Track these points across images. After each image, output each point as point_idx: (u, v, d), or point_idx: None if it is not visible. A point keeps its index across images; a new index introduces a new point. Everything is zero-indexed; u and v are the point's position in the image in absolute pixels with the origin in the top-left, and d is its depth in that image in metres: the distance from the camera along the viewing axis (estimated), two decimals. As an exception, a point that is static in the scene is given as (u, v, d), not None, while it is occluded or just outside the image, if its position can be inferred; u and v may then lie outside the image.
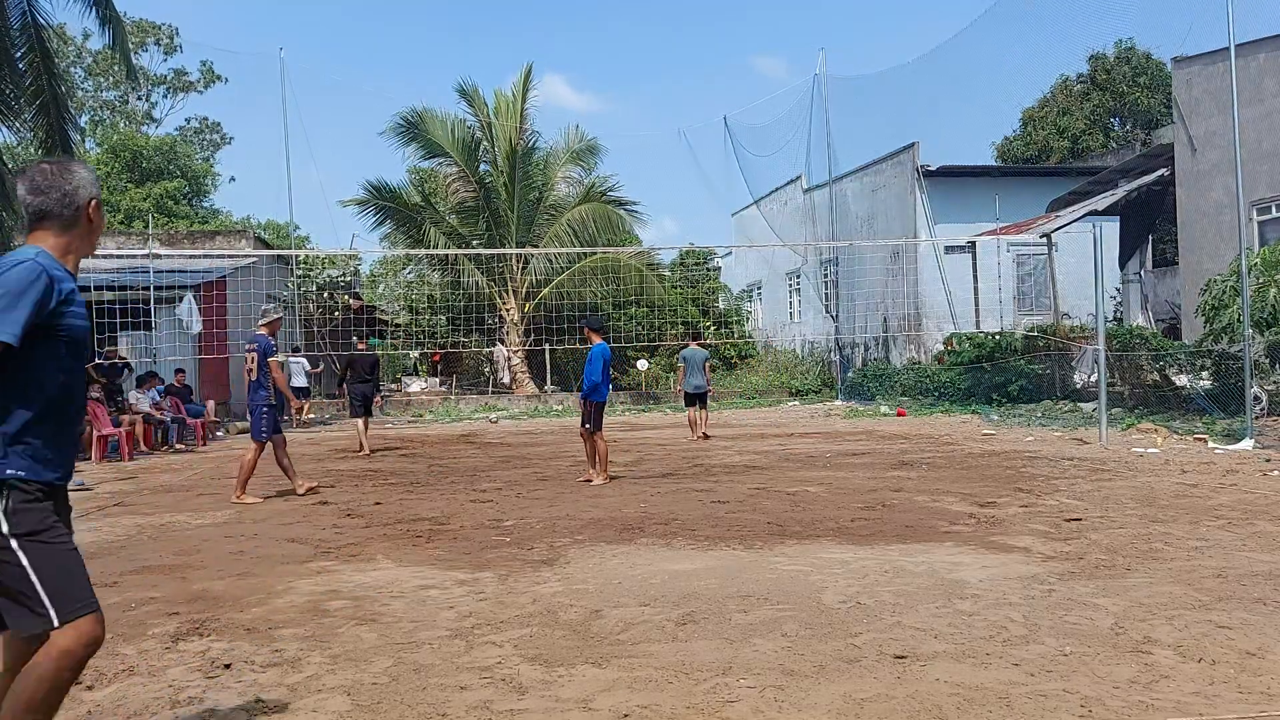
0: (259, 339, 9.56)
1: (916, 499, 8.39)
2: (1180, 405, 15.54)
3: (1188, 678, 3.67)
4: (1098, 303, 13.74)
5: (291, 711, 3.53)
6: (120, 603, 5.29)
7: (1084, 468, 10.35)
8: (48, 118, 15.38)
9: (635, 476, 10.70)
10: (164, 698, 3.72)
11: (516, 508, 8.52)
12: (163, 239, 25.15)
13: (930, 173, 23.95)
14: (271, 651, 4.27)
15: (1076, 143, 33.78)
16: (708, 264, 33.66)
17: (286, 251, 27.57)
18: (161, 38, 40.32)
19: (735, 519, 7.58)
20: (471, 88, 28.05)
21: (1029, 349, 20.03)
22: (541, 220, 28.39)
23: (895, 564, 5.78)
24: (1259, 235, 17.84)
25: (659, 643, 4.28)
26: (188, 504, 9.31)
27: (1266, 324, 14.54)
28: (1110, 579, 5.27)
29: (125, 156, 35.08)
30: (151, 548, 6.99)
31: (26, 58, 15.04)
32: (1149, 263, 26.62)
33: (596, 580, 5.55)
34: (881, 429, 16.94)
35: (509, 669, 3.93)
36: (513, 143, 27.31)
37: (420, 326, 29.01)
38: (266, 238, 31.51)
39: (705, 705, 3.50)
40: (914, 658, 3.96)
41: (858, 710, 3.41)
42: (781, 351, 30.69)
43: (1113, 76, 34.20)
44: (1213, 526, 6.79)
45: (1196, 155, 19.66)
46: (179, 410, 16.72)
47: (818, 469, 10.91)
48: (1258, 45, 17.72)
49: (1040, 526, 6.92)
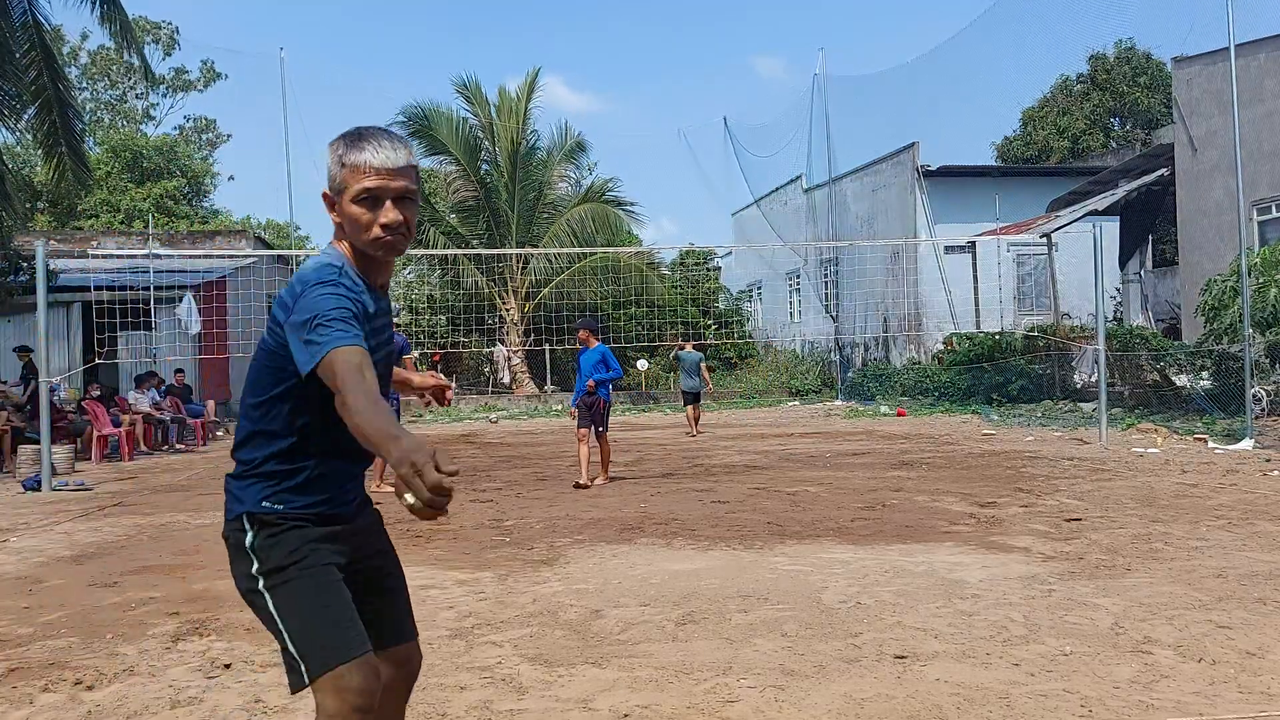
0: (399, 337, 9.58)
1: (916, 499, 8.39)
2: (1180, 405, 15.54)
3: (1188, 678, 3.67)
4: (1098, 303, 13.74)
5: (291, 711, 3.52)
6: (120, 603, 5.29)
7: (1084, 468, 10.35)
8: (49, 116, 15.37)
9: (635, 476, 10.70)
10: (164, 698, 3.72)
11: (516, 508, 8.52)
12: (163, 239, 25.15)
13: (930, 173, 23.95)
14: (271, 651, 4.27)
15: (1076, 143, 33.76)
16: (708, 264, 33.66)
17: (286, 251, 27.53)
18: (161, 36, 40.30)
19: (735, 519, 7.58)
20: (473, 85, 28.05)
21: (1029, 349, 20.03)
22: (541, 220, 28.40)
23: (895, 564, 5.78)
24: (1259, 235, 17.84)
25: (659, 643, 4.28)
26: (188, 504, 9.31)
27: (1266, 324, 14.54)
28: (1110, 579, 5.27)
29: (125, 156, 35.06)
30: (151, 548, 6.99)
31: (28, 56, 15.03)
32: (1149, 263, 26.61)
33: (596, 580, 5.54)
34: (881, 429, 16.94)
35: (509, 669, 3.93)
36: (514, 142, 27.31)
37: (420, 326, 29.00)
38: (266, 238, 31.51)
39: (705, 705, 3.50)
40: (914, 658, 3.96)
41: (858, 710, 3.41)
42: (781, 351, 30.69)
43: (1113, 76, 34.19)
44: (1213, 526, 6.79)
45: (1196, 155, 19.65)
46: (179, 410, 16.72)
47: (818, 469, 10.91)
48: (1258, 45, 17.72)
49: (1040, 526, 6.92)
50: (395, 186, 2.05)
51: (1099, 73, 34.60)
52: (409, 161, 2.09)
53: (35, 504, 9.66)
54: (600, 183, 29.13)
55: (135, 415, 15.07)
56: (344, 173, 2.06)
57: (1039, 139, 34.72)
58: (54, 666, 4.14)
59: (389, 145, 2.06)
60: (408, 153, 2.09)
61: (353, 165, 2.04)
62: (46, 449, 10.70)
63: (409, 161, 2.09)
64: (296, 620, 2.03)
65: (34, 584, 5.88)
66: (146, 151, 35.66)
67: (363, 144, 2.05)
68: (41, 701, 3.72)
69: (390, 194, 2.05)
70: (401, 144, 2.09)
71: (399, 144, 2.08)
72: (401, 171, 2.06)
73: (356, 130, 2.10)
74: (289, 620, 2.03)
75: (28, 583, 5.92)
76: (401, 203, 2.07)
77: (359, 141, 2.06)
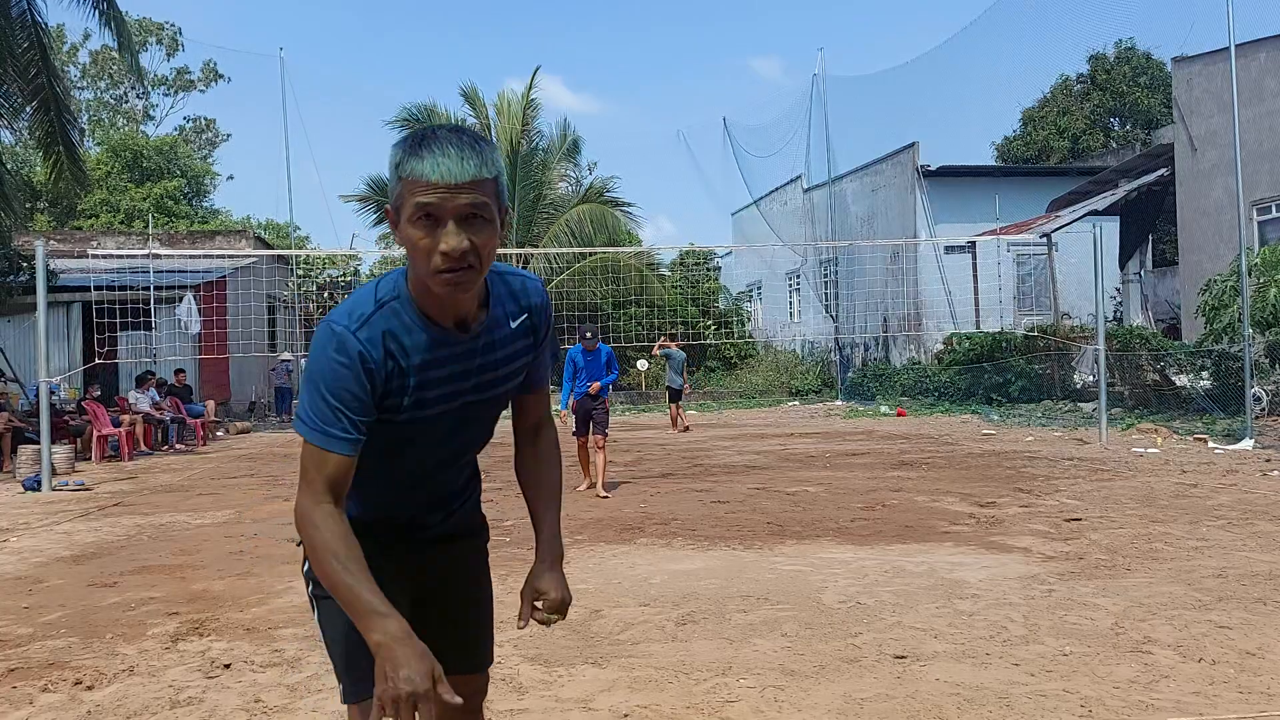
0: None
1: (916, 499, 8.39)
2: (1180, 405, 15.54)
3: (1188, 678, 3.67)
4: (1098, 303, 13.74)
5: (291, 711, 3.52)
6: (120, 603, 5.29)
7: (1084, 468, 10.35)
8: (47, 115, 15.37)
9: (635, 476, 10.69)
10: (164, 698, 3.72)
11: (517, 508, 8.51)
12: (163, 239, 25.14)
13: (930, 173, 23.95)
14: (271, 651, 4.27)
15: (1076, 143, 33.76)
16: (708, 264, 33.67)
17: (286, 251, 27.54)
18: (164, 37, 40.34)
19: (735, 519, 7.58)
20: (471, 89, 28.20)
21: (1029, 349, 20.03)
22: (541, 220, 28.43)
23: (895, 564, 5.78)
24: (1259, 235, 17.84)
25: (659, 643, 4.28)
26: (188, 504, 9.31)
27: (1266, 324, 14.53)
28: (1110, 579, 5.27)
29: (125, 156, 35.07)
30: (151, 548, 6.99)
31: (26, 55, 15.02)
32: (1149, 263, 26.61)
33: (596, 580, 5.55)
34: (881, 429, 16.94)
35: (509, 669, 3.92)
36: (514, 143, 27.33)
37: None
38: (266, 238, 31.51)
39: (705, 705, 3.50)
40: (914, 658, 3.96)
41: (858, 710, 3.41)
42: (781, 351, 30.69)
43: (1113, 76, 34.19)
44: (1213, 526, 6.78)
45: (1196, 155, 19.65)
46: (179, 410, 16.73)
47: (818, 469, 10.91)
48: (1258, 45, 17.71)
49: (1040, 526, 6.92)
50: (459, 204, 1.64)
51: (1099, 73, 34.60)
52: (480, 173, 1.65)
53: (35, 504, 9.66)
54: (599, 183, 29.18)
55: (135, 415, 15.08)
56: (400, 185, 1.67)
57: (1039, 139, 34.71)
58: (54, 666, 4.14)
59: (455, 152, 1.64)
60: (479, 161, 1.66)
61: (409, 177, 1.65)
62: (46, 449, 10.70)
63: (480, 173, 1.65)
64: (331, 641, 1.92)
65: (34, 584, 5.89)
66: (146, 151, 35.67)
67: (422, 150, 1.65)
68: (41, 701, 3.72)
69: (452, 213, 1.64)
70: (472, 150, 1.66)
71: (468, 150, 1.65)
72: (469, 186, 1.64)
73: (420, 133, 1.70)
74: (327, 636, 1.92)
75: (28, 583, 5.92)
76: (470, 223, 1.66)
77: (419, 148, 1.66)
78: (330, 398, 1.69)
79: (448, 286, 1.67)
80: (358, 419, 1.71)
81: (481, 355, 1.83)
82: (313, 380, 1.71)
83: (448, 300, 1.72)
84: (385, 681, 1.59)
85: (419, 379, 1.76)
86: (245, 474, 11.90)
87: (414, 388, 1.76)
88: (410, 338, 1.74)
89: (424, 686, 1.57)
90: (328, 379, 1.69)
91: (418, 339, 1.75)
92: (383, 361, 1.71)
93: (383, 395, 1.74)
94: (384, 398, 1.74)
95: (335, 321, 1.72)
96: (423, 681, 1.58)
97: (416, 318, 1.75)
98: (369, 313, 1.73)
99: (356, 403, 1.70)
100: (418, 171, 1.63)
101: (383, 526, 1.94)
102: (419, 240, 1.64)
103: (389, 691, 1.58)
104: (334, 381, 1.69)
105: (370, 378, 1.70)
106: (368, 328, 1.71)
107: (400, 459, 1.87)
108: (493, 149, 1.70)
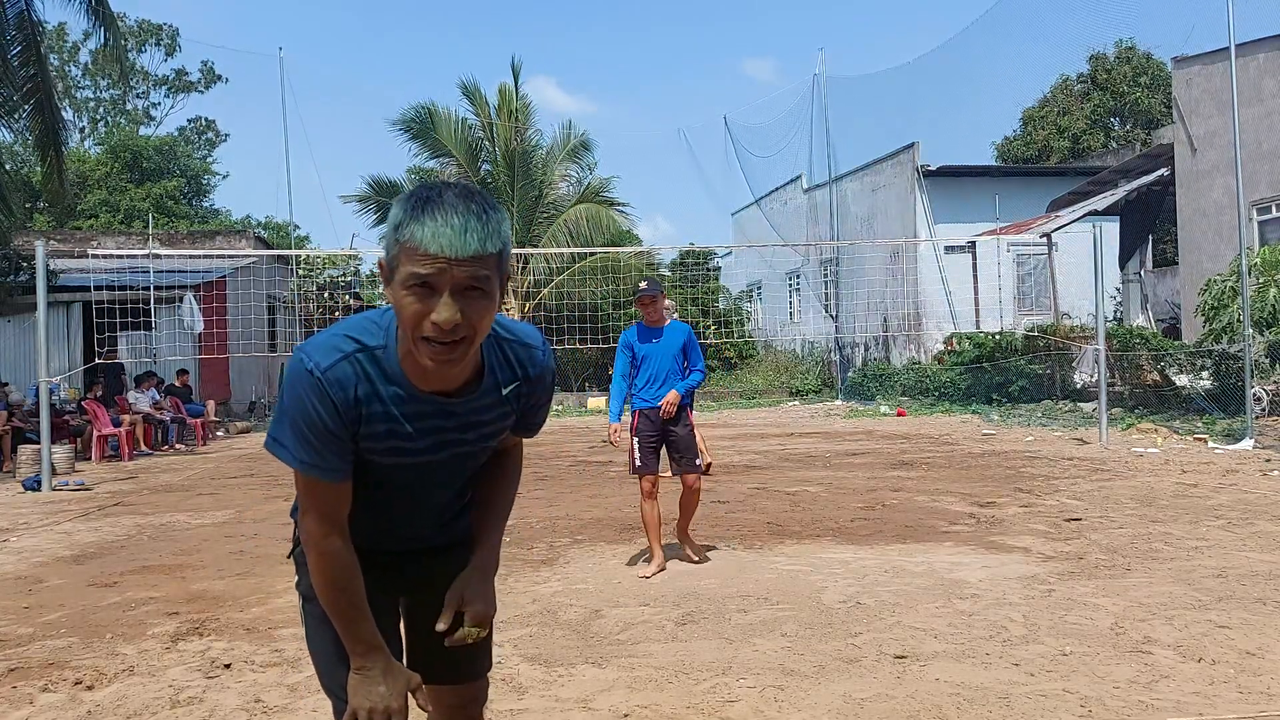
0: None
1: (916, 499, 8.39)
2: (1180, 405, 15.53)
3: (1188, 678, 3.67)
4: (1098, 303, 13.74)
5: (291, 711, 3.52)
6: (120, 603, 5.29)
7: (1084, 468, 10.35)
8: (43, 115, 15.35)
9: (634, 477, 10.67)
10: (164, 698, 3.72)
11: (516, 507, 8.51)
12: (163, 239, 25.13)
13: (930, 173, 23.94)
14: (271, 651, 4.27)
15: (1076, 143, 33.77)
16: (708, 264, 33.66)
17: (286, 251, 27.52)
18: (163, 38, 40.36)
19: (735, 519, 7.58)
20: (473, 86, 28.11)
21: (1029, 349, 20.03)
22: (541, 220, 28.41)
23: (895, 564, 5.78)
24: (1259, 235, 17.83)
25: (659, 643, 4.28)
26: (188, 504, 9.31)
27: (1266, 324, 14.53)
28: (1110, 579, 5.27)
29: (125, 156, 35.06)
30: (151, 548, 6.99)
31: (22, 55, 15.00)
32: (1149, 263, 26.60)
33: (596, 580, 5.55)
34: (881, 429, 16.93)
35: (509, 669, 3.93)
36: (509, 143, 27.33)
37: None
38: (266, 237, 31.50)
39: (705, 705, 3.50)
40: (914, 658, 3.96)
41: (858, 710, 3.41)
42: (781, 351, 30.69)
43: (1113, 76, 34.19)
44: (1213, 526, 6.78)
45: (1196, 155, 19.65)
46: (179, 410, 16.73)
47: (818, 469, 10.90)
48: (1258, 45, 17.71)
49: (1040, 526, 6.92)
50: (457, 276, 1.52)
51: (1099, 73, 34.60)
52: (483, 249, 1.53)
53: (35, 504, 9.66)
54: (597, 182, 29.16)
55: (135, 415, 15.08)
56: (398, 248, 1.55)
57: (1039, 139, 34.72)
58: (54, 666, 4.14)
59: (459, 223, 1.51)
60: (484, 234, 1.53)
61: (408, 243, 1.53)
62: (46, 449, 10.70)
63: (483, 249, 1.53)
64: (312, 653, 1.94)
65: (34, 584, 5.89)
66: (146, 151, 35.67)
67: (424, 216, 1.52)
68: (41, 701, 3.72)
69: (449, 284, 1.53)
70: (477, 222, 1.53)
71: (473, 222, 1.53)
72: (470, 261, 1.53)
73: (425, 194, 1.56)
74: (313, 649, 1.94)
75: (28, 583, 5.92)
76: (466, 295, 1.55)
77: (422, 210, 1.53)
78: (307, 431, 1.65)
79: (435, 360, 1.59)
80: (337, 450, 1.68)
81: (463, 416, 1.77)
82: (287, 413, 1.66)
83: (433, 372, 1.63)
84: (357, 697, 1.68)
85: (388, 428, 1.70)
86: (245, 474, 11.90)
87: (385, 435, 1.70)
88: (386, 389, 1.67)
89: (397, 704, 1.66)
90: (299, 415, 1.65)
91: (394, 393, 1.68)
92: (353, 405, 1.66)
93: (356, 436, 1.69)
94: (359, 439, 1.70)
95: (308, 357, 1.64)
96: (396, 699, 1.67)
97: (398, 372, 1.67)
98: (345, 354, 1.66)
99: (331, 437, 1.66)
100: (417, 238, 1.52)
101: (376, 544, 1.92)
102: (410, 306, 1.56)
103: (361, 705, 1.67)
104: (305, 419, 1.64)
105: (340, 418, 1.65)
106: (339, 370, 1.64)
107: (391, 488, 1.85)
108: (500, 218, 1.60)
